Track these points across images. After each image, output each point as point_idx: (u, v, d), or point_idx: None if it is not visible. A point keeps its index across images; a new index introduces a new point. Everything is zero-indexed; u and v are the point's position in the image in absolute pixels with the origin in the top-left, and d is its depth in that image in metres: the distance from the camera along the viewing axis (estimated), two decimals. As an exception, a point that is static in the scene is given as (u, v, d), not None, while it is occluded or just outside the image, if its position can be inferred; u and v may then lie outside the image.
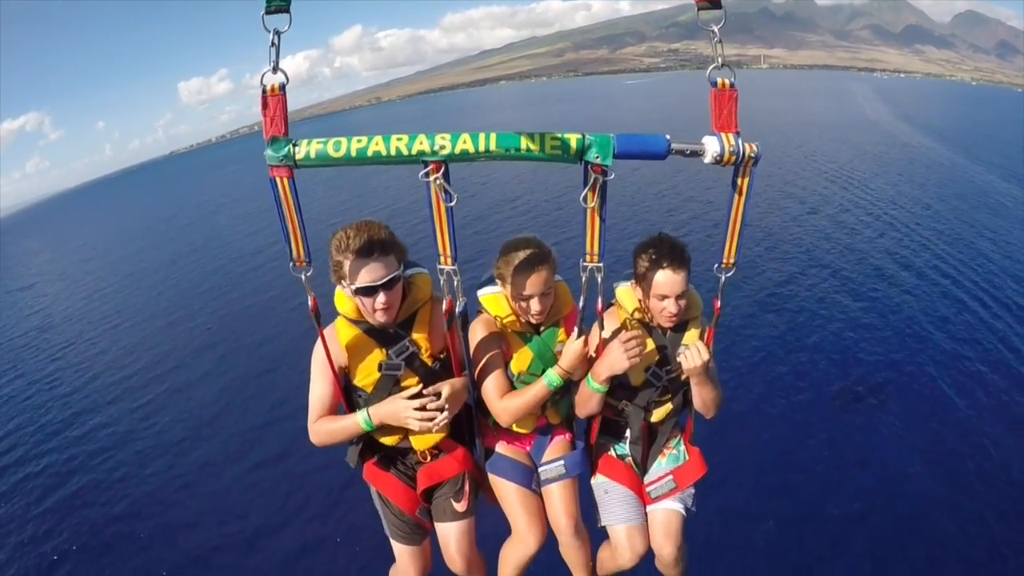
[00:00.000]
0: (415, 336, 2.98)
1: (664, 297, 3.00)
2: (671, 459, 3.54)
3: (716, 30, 2.11)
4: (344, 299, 2.90)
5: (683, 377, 3.17)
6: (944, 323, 13.60)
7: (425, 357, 2.99)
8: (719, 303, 2.74)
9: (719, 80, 2.18)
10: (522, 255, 2.97)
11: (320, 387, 2.96)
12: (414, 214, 21.88)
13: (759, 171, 2.26)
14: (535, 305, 3.00)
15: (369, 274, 2.63)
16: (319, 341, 2.84)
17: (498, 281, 3.12)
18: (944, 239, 19.40)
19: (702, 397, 3.16)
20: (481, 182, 27.98)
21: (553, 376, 2.97)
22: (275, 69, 2.03)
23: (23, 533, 9.80)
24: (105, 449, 11.98)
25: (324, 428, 2.97)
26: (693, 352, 2.91)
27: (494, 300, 3.15)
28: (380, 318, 2.81)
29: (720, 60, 2.16)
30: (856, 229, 20.30)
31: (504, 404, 3.05)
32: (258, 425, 11.87)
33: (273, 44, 2.00)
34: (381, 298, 2.70)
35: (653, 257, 2.98)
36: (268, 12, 1.96)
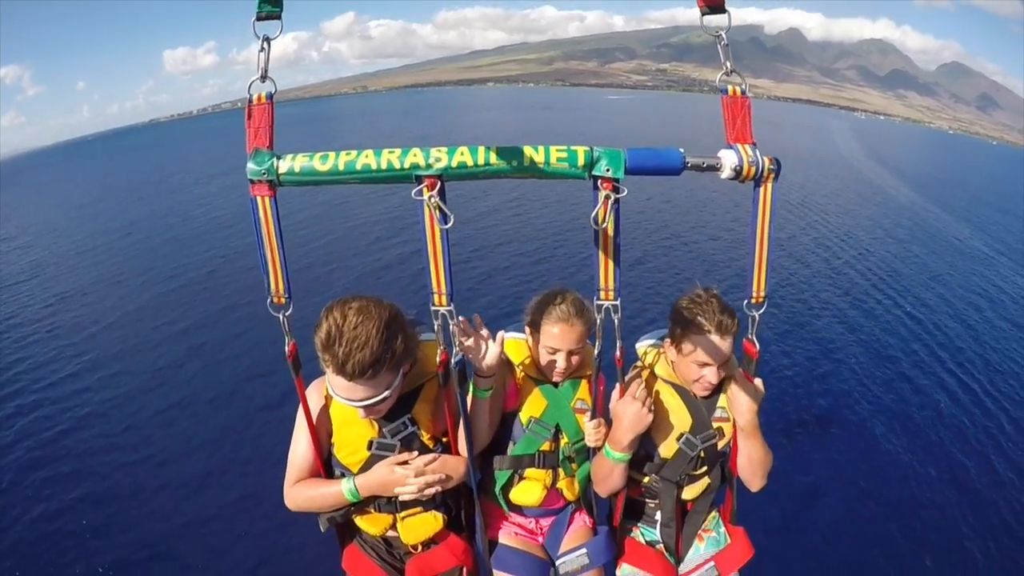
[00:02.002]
0: (417, 414, 2.57)
1: (706, 365, 2.60)
2: (711, 543, 2.98)
3: (723, 35, 1.93)
4: None
5: (721, 445, 2.78)
6: (874, 339, 14.17)
7: (426, 439, 2.59)
8: (756, 347, 2.29)
9: (730, 88, 1.97)
10: (560, 307, 2.65)
11: (301, 447, 2.57)
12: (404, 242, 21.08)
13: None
14: (561, 361, 2.69)
15: (345, 392, 2.24)
16: (310, 391, 2.50)
17: (527, 329, 2.80)
18: (890, 269, 20.21)
19: (750, 456, 2.64)
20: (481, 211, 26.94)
21: (478, 389, 2.54)
22: (263, 77, 1.88)
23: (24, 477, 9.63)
24: (109, 400, 11.73)
25: (302, 494, 2.57)
26: (745, 389, 2.50)
27: (514, 345, 2.81)
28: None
29: (729, 66, 1.94)
30: (807, 259, 20.57)
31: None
32: (259, 391, 11.53)
33: (262, 51, 1.86)
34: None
35: (698, 319, 2.57)
36: (259, 19, 1.83)
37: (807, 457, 9.91)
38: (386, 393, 2.27)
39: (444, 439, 2.63)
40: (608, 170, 1.90)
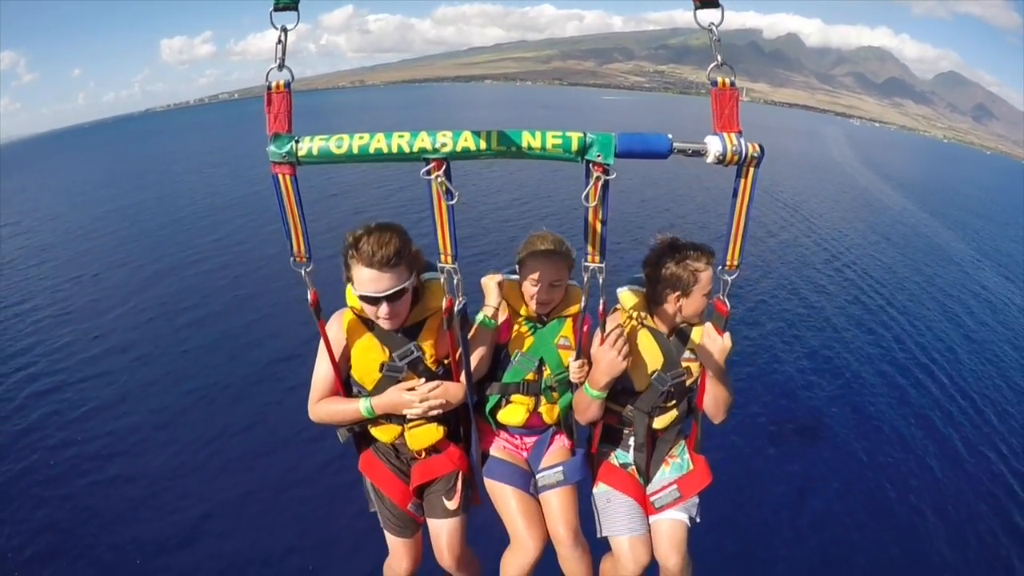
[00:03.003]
0: (422, 342, 2.96)
1: (707, 295, 2.93)
2: (675, 468, 3.35)
3: (715, 29, 2.06)
4: (354, 295, 2.84)
5: (688, 382, 3.13)
6: (861, 342, 14.32)
7: (429, 363, 2.99)
8: (727, 306, 2.56)
9: (719, 79, 2.12)
10: (540, 243, 3.04)
11: (323, 370, 2.97)
12: (413, 209, 20.99)
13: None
14: (543, 292, 3.01)
15: (373, 284, 2.63)
16: (330, 324, 2.90)
17: (516, 267, 3.14)
18: (878, 272, 20.50)
19: (715, 395, 2.98)
20: (483, 182, 27.50)
21: (486, 318, 3.02)
22: (281, 66, 2.02)
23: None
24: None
25: (324, 409, 3.00)
26: (715, 342, 2.73)
27: (508, 285, 3.15)
28: (384, 325, 2.84)
29: (719, 58, 2.08)
30: (795, 261, 20.68)
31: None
32: (262, 379, 11.51)
33: (280, 41, 1.98)
34: (384, 309, 2.72)
35: (693, 265, 2.91)
36: (276, 9, 1.96)
37: (792, 455, 10.13)
38: (404, 285, 2.69)
39: (445, 361, 3.01)
40: (599, 156, 2.08)
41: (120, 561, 7.67)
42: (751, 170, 2.17)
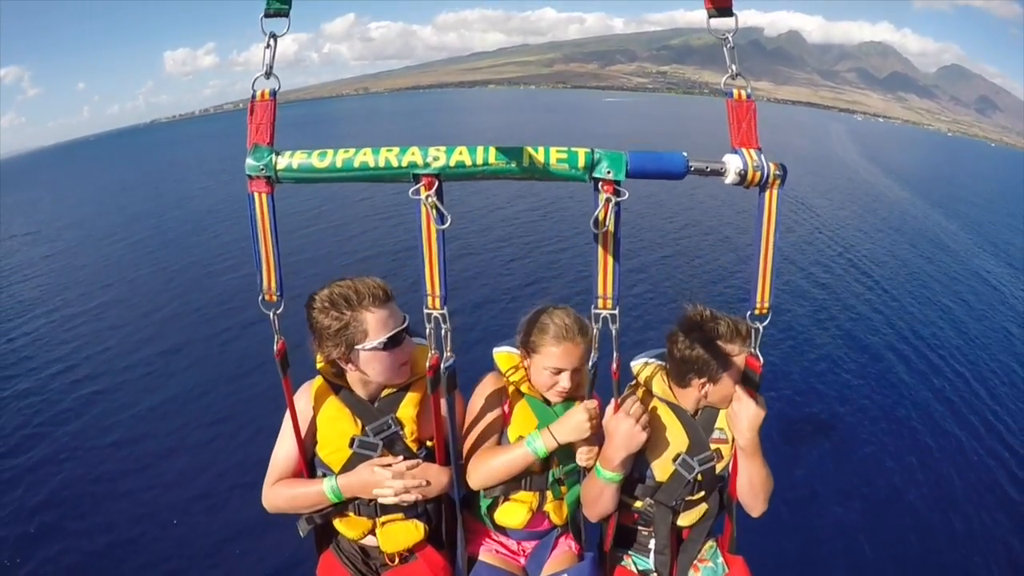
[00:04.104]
0: (401, 415, 2.53)
1: (738, 383, 2.44)
2: (707, 573, 2.79)
3: (730, 38, 1.89)
4: (326, 366, 2.54)
5: (719, 468, 2.62)
6: (864, 331, 14.50)
7: (409, 441, 2.54)
8: (759, 361, 2.16)
9: (735, 91, 1.93)
10: (559, 324, 2.52)
11: (285, 447, 2.54)
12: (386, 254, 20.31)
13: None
14: (565, 380, 2.52)
15: (393, 320, 2.35)
16: (298, 396, 2.52)
17: (521, 349, 2.64)
18: (882, 270, 20.45)
19: (751, 479, 2.47)
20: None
21: (538, 444, 2.43)
22: (268, 74, 1.87)
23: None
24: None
25: (282, 493, 2.51)
26: (747, 406, 2.35)
27: (507, 358, 2.70)
28: (400, 377, 2.49)
29: (734, 69, 1.91)
30: (798, 261, 20.53)
31: (477, 461, 2.53)
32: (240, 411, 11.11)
33: (268, 47, 1.85)
34: (408, 345, 2.43)
35: (727, 347, 2.45)
36: (267, 15, 1.82)
37: (806, 470, 9.81)
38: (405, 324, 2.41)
39: (429, 443, 2.56)
40: (609, 172, 1.86)
41: (177, 560, 7.69)
42: (775, 191, 1.92)
